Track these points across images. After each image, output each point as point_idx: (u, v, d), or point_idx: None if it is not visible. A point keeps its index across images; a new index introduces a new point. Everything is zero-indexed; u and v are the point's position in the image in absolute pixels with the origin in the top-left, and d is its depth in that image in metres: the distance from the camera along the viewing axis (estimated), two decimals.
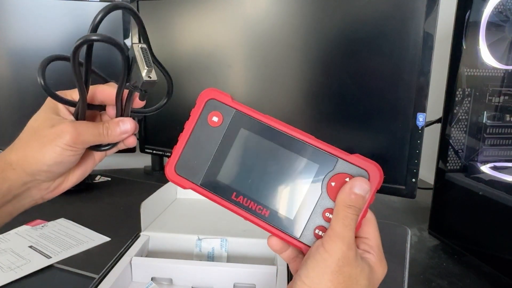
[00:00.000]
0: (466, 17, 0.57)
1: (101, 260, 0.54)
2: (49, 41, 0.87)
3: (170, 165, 0.33)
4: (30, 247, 0.62)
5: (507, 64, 0.59)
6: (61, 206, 0.79)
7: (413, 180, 0.60)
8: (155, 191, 0.64)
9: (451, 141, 0.62)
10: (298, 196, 0.31)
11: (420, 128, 0.57)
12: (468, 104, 0.60)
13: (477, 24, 0.58)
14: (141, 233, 0.58)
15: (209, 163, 0.32)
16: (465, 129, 0.61)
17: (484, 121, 0.61)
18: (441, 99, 0.62)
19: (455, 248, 0.64)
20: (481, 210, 0.59)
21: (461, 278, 0.57)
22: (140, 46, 0.35)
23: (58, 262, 0.58)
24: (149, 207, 0.60)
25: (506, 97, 0.60)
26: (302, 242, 0.31)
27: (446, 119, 0.61)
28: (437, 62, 0.56)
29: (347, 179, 0.30)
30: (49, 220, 0.72)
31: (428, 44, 0.55)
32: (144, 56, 0.35)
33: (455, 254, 0.64)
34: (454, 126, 0.61)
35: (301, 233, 0.31)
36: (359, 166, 0.29)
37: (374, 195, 0.30)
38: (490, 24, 0.57)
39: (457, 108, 0.60)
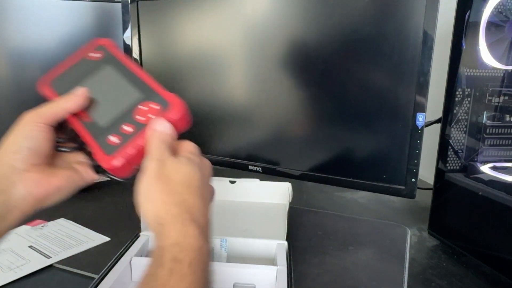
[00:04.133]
0: (466, 17, 0.57)
1: (101, 260, 0.54)
2: (49, 41, 0.87)
3: (45, 80, 0.44)
4: (30, 247, 0.62)
5: (507, 64, 0.59)
6: (61, 206, 0.79)
7: (413, 180, 0.60)
8: None
9: (451, 141, 0.62)
10: (116, 109, 0.40)
11: (420, 128, 0.57)
12: (468, 104, 0.60)
13: (477, 24, 0.57)
14: (141, 233, 0.58)
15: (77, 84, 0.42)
16: (465, 129, 0.61)
17: (484, 121, 0.61)
18: (441, 99, 0.62)
19: (455, 248, 0.64)
20: (481, 210, 0.59)
21: (460, 278, 0.57)
22: None
23: (58, 262, 0.58)
24: None
25: (506, 97, 0.60)
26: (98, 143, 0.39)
27: (446, 119, 0.61)
28: (437, 62, 0.56)
29: (152, 106, 0.39)
30: (49, 220, 0.72)
31: (427, 44, 0.55)
32: None
33: (455, 254, 0.64)
34: (454, 126, 0.61)
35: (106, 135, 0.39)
36: (164, 98, 0.39)
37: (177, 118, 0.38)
38: (490, 24, 0.57)
39: (457, 108, 0.60)
